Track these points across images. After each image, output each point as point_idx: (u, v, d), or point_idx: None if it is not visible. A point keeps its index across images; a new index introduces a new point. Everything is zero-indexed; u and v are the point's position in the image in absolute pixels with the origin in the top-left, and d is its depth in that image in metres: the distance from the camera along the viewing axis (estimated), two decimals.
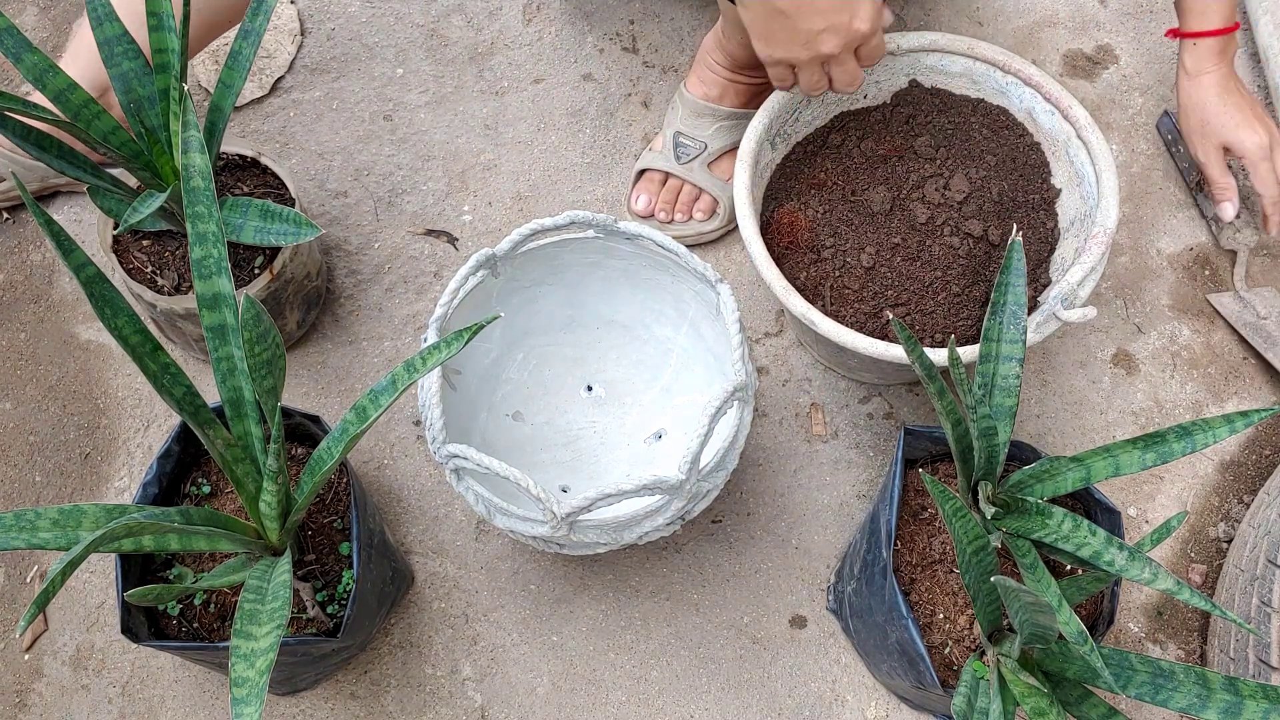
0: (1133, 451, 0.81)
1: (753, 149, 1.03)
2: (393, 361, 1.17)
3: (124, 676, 1.04)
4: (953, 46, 1.06)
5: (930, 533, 0.94)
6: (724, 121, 1.19)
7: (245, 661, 0.66)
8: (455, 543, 1.10)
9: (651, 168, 1.21)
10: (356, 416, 0.75)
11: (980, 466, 0.82)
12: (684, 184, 1.21)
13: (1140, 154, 1.29)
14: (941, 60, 1.08)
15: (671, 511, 0.91)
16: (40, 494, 1.11)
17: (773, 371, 1.18)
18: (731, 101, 1.19)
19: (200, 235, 0.76)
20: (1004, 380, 0.84)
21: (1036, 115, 1.06)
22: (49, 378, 1.16)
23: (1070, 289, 0.95)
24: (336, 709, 1.03)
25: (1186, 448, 0.80)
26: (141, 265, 1.03)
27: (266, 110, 1.28)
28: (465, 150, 1.27)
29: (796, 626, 1.07)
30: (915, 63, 1.08)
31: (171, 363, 0.74)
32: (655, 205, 1.21)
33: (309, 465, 0.78)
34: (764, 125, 1.04)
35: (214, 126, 0.95)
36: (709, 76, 1.20)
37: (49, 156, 0.91)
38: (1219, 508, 1.13)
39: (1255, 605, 0.97)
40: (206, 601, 0.90)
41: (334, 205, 1.24)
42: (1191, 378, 1.19)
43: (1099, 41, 1.35)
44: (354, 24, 1.33)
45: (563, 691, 1.04)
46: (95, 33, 0.92)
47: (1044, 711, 0.76)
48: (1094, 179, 1.01)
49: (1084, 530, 0.78)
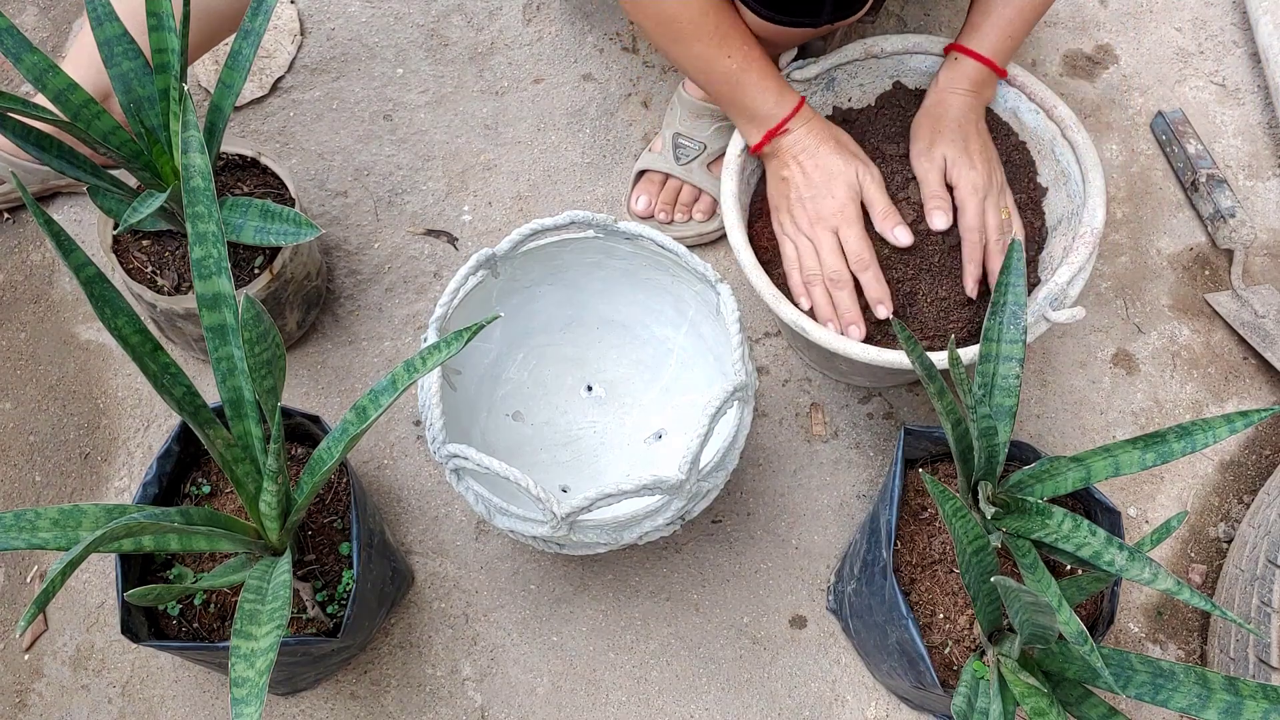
0: (1133, 451, 0.81)
1: (738, 155, 1.03)
2: (393, 361, 1.17)
3: (124, 676, 1.04)
4: (935, 48, 1.06)
5: (930, 533, 0.94)
6: (723, 121, 1.19)
7: (245, 661, 0.66)
8: (455, 543, 1.10)
9: (651, 169, 1.21)
10: (356, 416, 0.75)
11: (980, 466, 0.82)
12: (683, 184, 1.21)
13: (1140, 154, 1.29)
14: (925, 62, 1.08)
15: (671, 511, 0.91)
16: (40, 494, 1.11)
17: (773, 371, 1.18)
18: None
19: (200, 235, 0.76)
20: (1004, 380, 0.84)
21: (1021, 114, 1.06)
22: (49, 378, 1.16)
23: (1059, 289, 0.95)
24: (336, 709, 1.03)
25: (1186, 448, 0.80)
26: (141, 265, 1.03)
27: (266, 110, 1.28)
28: (465, 150, 1.27)
29: (796, 626, 1.07)
30: (899, 65, 1.08)
31: (171, 363, 0.74)
32: (655, 206, 1.21)
33: (309, 465, 0.78)
34: None
35: (214, 126, 0.95)
36: None
37: (49, 157, 0.91)
38: (1219, 508, 1.13)
39: (1255, 605, 0.97)
40: (206, 601, 0.90)
41: (334, 205, 1.24)
42: (1191, 378, 1.19)
43: (1099, 41, 1.35)
44: (354, 24, 1.33)
45: (563, 691, 1.04)
46: (95, 33, 0.92)
47: (1044, 711, 0.76)
48: (1080, 178, 1.01)
49: (1084, 530, 0.78)
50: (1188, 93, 1.33)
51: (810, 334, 0.96)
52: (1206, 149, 1.26)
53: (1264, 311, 1.19)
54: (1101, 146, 1.29)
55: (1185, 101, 1.32)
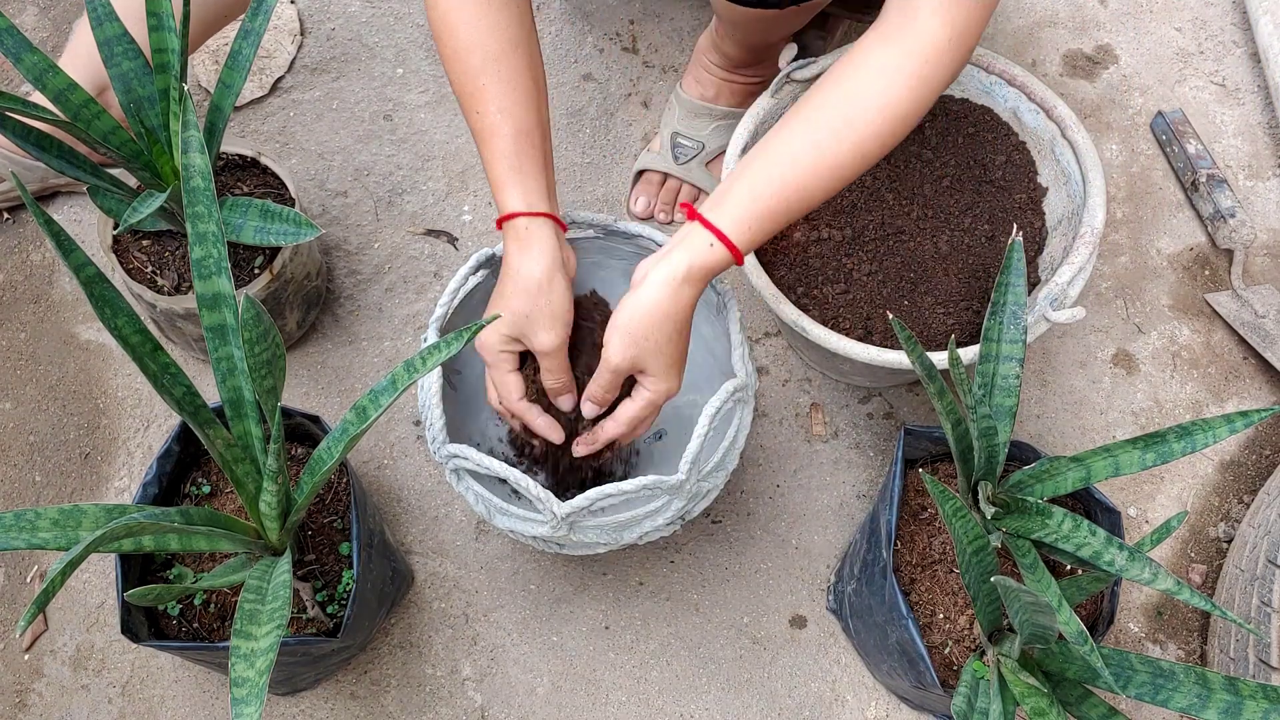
0: (1133, 451, 0.81)
1: (738, 156, 1.03)
2: (393, 361, 1.17)
3: (124, 676, 1.04)
4: None
5: (930, 533, 0.94)
6: (721, 121, 1.19)
7: (245, 661, 0.66)
8: (455, 543, 1.10)
9: (650, 168, 1.21)
10: (356, 416, 0.75)
11: (980, 466, 0.82)
12: (683, 184, 1.21)
13: (1140, 154, 1.29)
14: None
15: (671, 511, 0.91)
16: (40, 494, 1.11)
17: (773, 371, 1.18)
18: (727, 101, 1.19)
19: (200, 235, 0.76)
20: (1004, 380, 0.84)
21: (1021, 114, 1.06)
22: (49, 378, 1.16)
23: (1060, 289, 0.95)
24: (336, 709, 1.03)
25: (1187, 448, 0.80)
26: (141, 265, 1.03)
27: (266, 110, 1.28)
28: (465, 150, 1.27)
29: (796, 626, 1.07)
30: None
31: (171, 363, 0.74)
32: (655, 206, 1.21)
33: (309, 465, 0.78)
34: (749, 131, 1.03)
35: (214, 126, 0.95)
36: (704, 77, 1.19)
37: (49, 156, 0.91)
38: (1219, 508, 1.13)
39: (1255, 605, 0.97)
40: (206, 601, 0.90)
41: (334, 205, 1.24)
42: (1191, 378, 1.19)
43: (1099, 41, 1.35)
44: (354, 24, 1.33)
45: (563, 691, 1.04)
46: (95, 33, 0.92)
47: (1044, 711, 0.75)
48: (1080, 178, 1.01)
49: (1084, 530, 0.78)
50: (1188, 93, 1.33)
51: (810, 333, 0.96)
52: (1206, 149, 1.26)
53: (1264, 311, 1.19)
54: (1101, 146, 1.29)
55: (1185, 101, 1.32)
